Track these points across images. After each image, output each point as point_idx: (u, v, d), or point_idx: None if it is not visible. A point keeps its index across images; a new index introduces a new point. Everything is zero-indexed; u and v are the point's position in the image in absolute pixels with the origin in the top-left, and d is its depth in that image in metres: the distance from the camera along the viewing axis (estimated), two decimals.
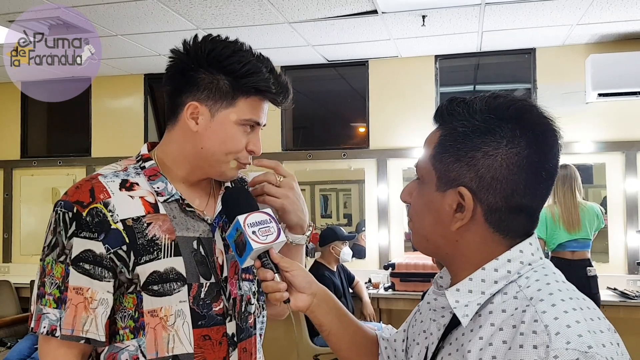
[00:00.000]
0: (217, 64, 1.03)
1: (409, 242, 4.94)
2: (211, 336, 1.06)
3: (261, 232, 1.00)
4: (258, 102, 1.07)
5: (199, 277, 1.05)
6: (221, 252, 1.10)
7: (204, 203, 1.13)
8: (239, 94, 1.05)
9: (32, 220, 5.55)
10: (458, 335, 0.78)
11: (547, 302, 0.70)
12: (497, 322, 0.73)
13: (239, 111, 1.06)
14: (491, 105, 0.78)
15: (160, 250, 1.02)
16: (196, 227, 1.08)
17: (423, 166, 0.83)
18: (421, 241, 0.85)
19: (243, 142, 1.09)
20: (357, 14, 3.65)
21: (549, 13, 3.68)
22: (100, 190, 1.02)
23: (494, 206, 0.77)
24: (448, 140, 0.79)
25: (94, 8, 3.48)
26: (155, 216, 1.04)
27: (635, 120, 4.34)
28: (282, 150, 5.03)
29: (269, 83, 1.05)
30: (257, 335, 1.17)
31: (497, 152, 0.75)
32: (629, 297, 3.92)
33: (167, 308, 1.02)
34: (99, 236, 0.99)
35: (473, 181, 0.76)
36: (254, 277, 1.17)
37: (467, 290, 0.78)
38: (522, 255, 0.78)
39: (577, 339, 0.65)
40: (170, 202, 1.07)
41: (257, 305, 1.18)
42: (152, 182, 1.07)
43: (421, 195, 0.83)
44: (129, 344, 1.02)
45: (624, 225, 4.34)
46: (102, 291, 1.00)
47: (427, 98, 4.71)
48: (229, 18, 3.68)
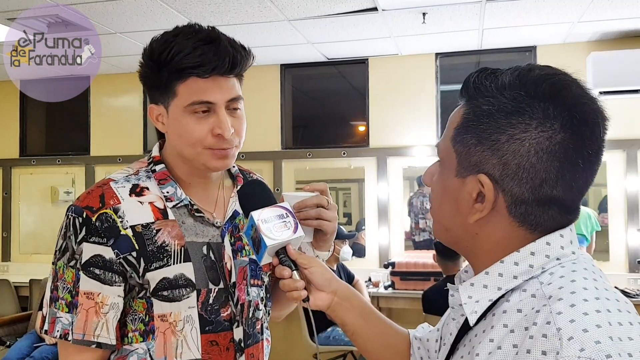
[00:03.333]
0: (155, 61, 1.01)
1: (409, 240, 4.94)
2: (218, 342, 1.05)
3: (276, 228, 0.94)
4: (198, 81, 0.99)
5: (208, 283, 1.04)
6: (230, 258, 1.09)
7: (212, 206, 1.11)
8: (175, 80, 1.00)
9: (31, 219, 5.54)
10: (472, 336, 0.71)
11: (565, 302, 0.60)
12: (510, 324, 0.64)
13: (182, 97, 1.00)
14: (523, 80, 0.67)
15: (170, 257, 1.01)
16: (205, 232, 1.07)
17: (443, 147, 0.74)
18: (440, 230, 0.77)
19: (201, 128, 1.01)
20: (357, 11, 3.63)
21: (550, 10, 3.67)
22: (110, 196, 1.01)
23: (519, 197, 0.67)
24: (471, 120, 0.69)
25: (92, 6, 3.46)
26: (164, 222, 1.03)
27: (636, 118, 4.33)
28: (282, 148, 5.01)
29: (195, 57, 0.97)
30: (264, 341, 1.16)
31: (524, 135, 0.65)
32: (630, 295, 3.91)
33: (176, 314, 1.02)
34: (108, 241, 0.98)
35: (496, 168, 0.67)
36: (263, 282, 1.16)
37: (482, 286, 0.69)
38: (549, 248, 0.67)
39: (594, 345, 0.55)
40: (179, 207, 1.06)
41: (265, 311, 1.17)
42: (162, 187, 1.06)
43: (441, 180, 0.74)
44: (138, 347, 1.02)
45: (624, 223, 4.33)
46: (113, 296, 0.99)
47: (427, 96, 4.70)
48: (228, 16, 3.66)
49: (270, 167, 4.95)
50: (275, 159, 4.98)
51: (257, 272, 1.14)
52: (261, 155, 4.89)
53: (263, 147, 4.92)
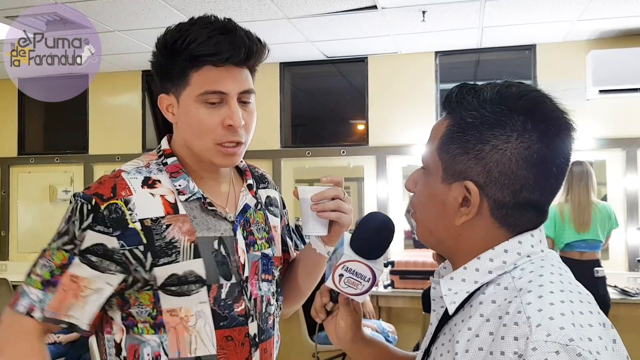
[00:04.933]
0: (169, 50, 1.01)
1: (409, 239, 4.93)
2: (234, 337, 1.04)
3: (347, 281, 0.90)
4: (212, 70, 0.98)
5: (219, 278, 1.03)
6: (243, 252, 1.07)
7: (224, 200, 1.10)
8: (189, 69, 0.99)
9: (29, 217, 5.52)
10: (451, 325, 0.77)
11: (534, 294, 0.68)
12: (486, 313, 0.71)
13: (194, 86, 0.99)
14: (502, 95, 0.75)
15: (179, 253, 1.00)
16: (217, 226, 1.06)
17: (429, 156, 0.80)
18: (424, 233, 0.83)
19: (212, 119, 1.00)
20: (357, 9, 3.62)
21: (550, 9, 3.66)
22: (122, 187, 1.00)
23: (501, 201, 0.74)
24: (456, 131, 0.76)
25: (91, 4, 3.45)
26: (174, 217, 1.01)
27: (636, 117, 4.32)
28: (281, 147, 5.00)
29: (210, 45, 0.97)
30: (275, 336, 1.16)
31: (506, 146, 0.72)
32: (630, 294, 3.91)
33: (187, 309, 1.00)
34: (114, 232, 0.97)
35: (480, 175, 0.74)
36: (274, 277, 1.15)
37: (461, 279, 0.77)
38: (521, 247, 0.75)
39: (559, 331, 0.63)
40: (191, 201, 1.04)
41: (277, 305, 1.16)
42: (173, 180, 1.04)
43: (426, 186, 0.81)
44: (150, 339, 1.00)
45: (624, 222, 4.32)
46: (101, 281, 0.98)
47: (427, 95, 4.69)
48: (227, 14, 3.60)
49: (270, 166, 4.94)
50: (274, 157, 4.97)
51: (268, 266, 1.13)
52: (260, 154, 4.88)
53: (262, 146, 4.91)
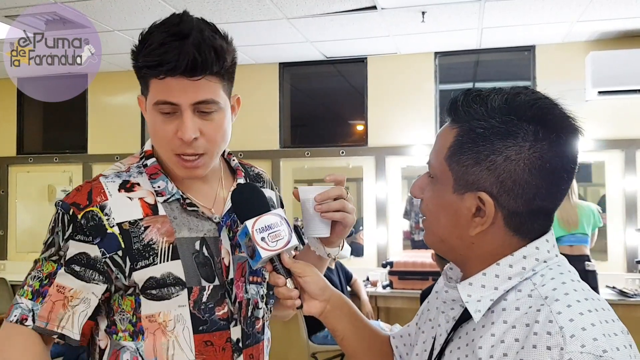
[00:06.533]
0: (133, 53, 0.99)
1: (407, 240, 4.93)
2: (213, 342, 1.01)
3: (271, 238, 0.93)
4: (161, 80, 0.93)
5: (200, 280, 1.00)
6: (228, 253, 1.04)
7: (210, 200, 1.07)
8: (148, 76, 0.96)
9: (28, 217, 5.51)
10: (469, 330, 0.77)
11: (562, 303, 0.69)
12: (510, 320, 0.72)
13: (152, 94, 0.96)
14: (511, 104, 0.74)
15: (157, 255, 0.98)
16: (200, 226, 1.03)
17: (437, 165, 0.80)
18: (435, 241, 0.84)
19: (167, 129, 0.96)
20: (356, 9, 3.62)
21: (549, 10, 3.66)
22: (98, 192, 0.99)
23: (514, 210, 0.75)
24: (466, 142, 0.76)
25: (90, 3, 3.45)
26: (153, 219, 1.00)
27: (635, 118, 4.32)
28: (280, 147, 5.00)
29: (157, 56, 0.91)
30: (265, 340, 1.12)
31: (519, 156, 0.72)
32: (628, 295, 3.91)
33: (165, 313, 0.98)
34: (94, 240, 0.96)
35: (494, 186, 0.74)
36: (263, 279, 1.12)
37: (480, 285, 0.77)
38: (538, 252, 0.76)
39: (592, 342, 0.65)
40: (171, 201, 1.02)
41: (266, 309, 1.12)
42: (153, 181, 1.03)
43: (436, 195, 0.81)
44: (128, 345, 0.99)
45: (623, 223, 4.33)
46: (87, 292, 0.97)
47: (426, 95, 4.69)
48: (226, 14, 3.65)
49: (269, 166, 4.94)
50: (274, 157, 4.97)
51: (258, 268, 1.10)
52: (259, 154, 4.88)
53: (261, 146, 4.91)
